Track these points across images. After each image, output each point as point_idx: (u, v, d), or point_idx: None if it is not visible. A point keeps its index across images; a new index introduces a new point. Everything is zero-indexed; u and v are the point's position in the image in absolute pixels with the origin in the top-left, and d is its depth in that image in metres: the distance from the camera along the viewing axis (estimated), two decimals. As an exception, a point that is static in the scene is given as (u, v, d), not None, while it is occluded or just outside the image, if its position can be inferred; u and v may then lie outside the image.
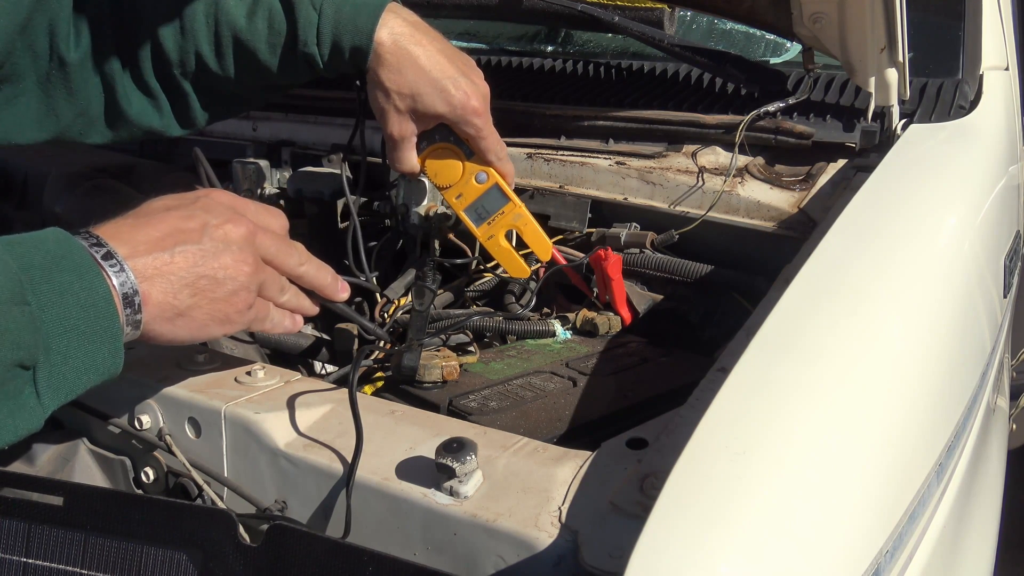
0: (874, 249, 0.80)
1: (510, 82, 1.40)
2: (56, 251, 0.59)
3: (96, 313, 0.59)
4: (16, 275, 0.56)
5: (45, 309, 0.56)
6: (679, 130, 1.18)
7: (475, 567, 0.60)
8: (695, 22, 1.51)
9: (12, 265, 0.56)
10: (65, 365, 0.58)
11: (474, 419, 0.76)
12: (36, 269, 0.57)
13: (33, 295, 0.56)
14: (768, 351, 0.64)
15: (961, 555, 0.82)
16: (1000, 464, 1.11)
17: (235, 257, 0.67)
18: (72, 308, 0.58)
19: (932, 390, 0.73)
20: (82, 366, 0.58)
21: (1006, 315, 1.17)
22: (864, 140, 1.10)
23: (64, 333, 0.57)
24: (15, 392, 0.56)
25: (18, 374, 0.56)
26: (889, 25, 0.98)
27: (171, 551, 0.59)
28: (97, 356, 0.59)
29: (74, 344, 0.58)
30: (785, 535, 0.51)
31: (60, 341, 0.57)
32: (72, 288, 0.58)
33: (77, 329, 0.58)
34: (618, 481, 0.60)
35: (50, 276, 0.57)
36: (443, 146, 0.92)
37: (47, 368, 0.57)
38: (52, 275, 0.57)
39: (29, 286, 0.56)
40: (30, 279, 0.56)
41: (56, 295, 0.57)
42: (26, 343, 0.55)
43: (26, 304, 0.55)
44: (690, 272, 1.03)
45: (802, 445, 0.57)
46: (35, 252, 0.58)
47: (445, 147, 0.92)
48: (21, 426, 0.57)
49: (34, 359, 0.56)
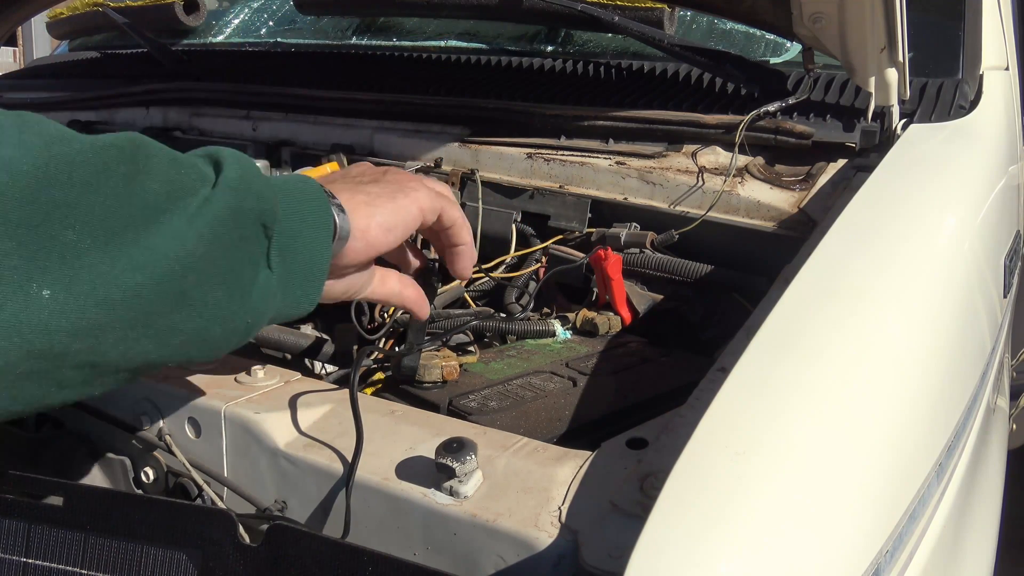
0: (874, 249, 0.80)
1: (510, 82, 1.40)
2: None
3: (313, 202, 0.63)
4: (242, 154, 0.60)
5: (275, 187, 0.60)
6: (679, 130, 1.18)
7: (475, 567, 0.60)
8: (695, 22, 1.51)
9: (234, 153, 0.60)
10: (291, 245, 0.60)
11: (474, 419, 0.76)
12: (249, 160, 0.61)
13: (259, 177, 0.60)
14: (768, 351, 0.64)
15: (961, 555, 0.82)
16: (1000, 464, 1.11)
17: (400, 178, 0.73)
18: (294, 193, 0.62)
19: (932, 390, 0.73)
20: (304, 253, 0.61)
21: (1006, 315, 1.17)
22: (864, 140, 1.10)
23: (290, 216, 0.60)
24: (255, 257, 0.58)
25: (259, 235, 0.58)
26: (889, 25, 0.98)
27: (171, 551, 0.59)
28: (316, 247, 0.62)
29: (299, 227, 0.61)
30: (785, 535, 0.51)
31: (288, 221, 0.60)
32: (289, 180, 0.63)
33: (300, 213, 0.61)
34: (618, 481, 0.60)
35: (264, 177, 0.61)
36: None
37: (278, 243, 0.59)
38: (265, 177, 0.61)
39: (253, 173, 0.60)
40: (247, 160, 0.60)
41: (280, 182, 0.62)
42: (267, 197, 0.58)
43: (258, 170, 0.60)
44: (690, 272, 1.03)
45: (802, 445, 0.57)
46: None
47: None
48: (259, 302, 0.59)
49: (272, 222, 0.59)
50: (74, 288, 0.47)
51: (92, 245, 0.48)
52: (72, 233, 0.47)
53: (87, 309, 0.47)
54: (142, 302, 0.50)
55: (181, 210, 0.53)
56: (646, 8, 1.34)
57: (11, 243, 0.44)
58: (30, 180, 0.46)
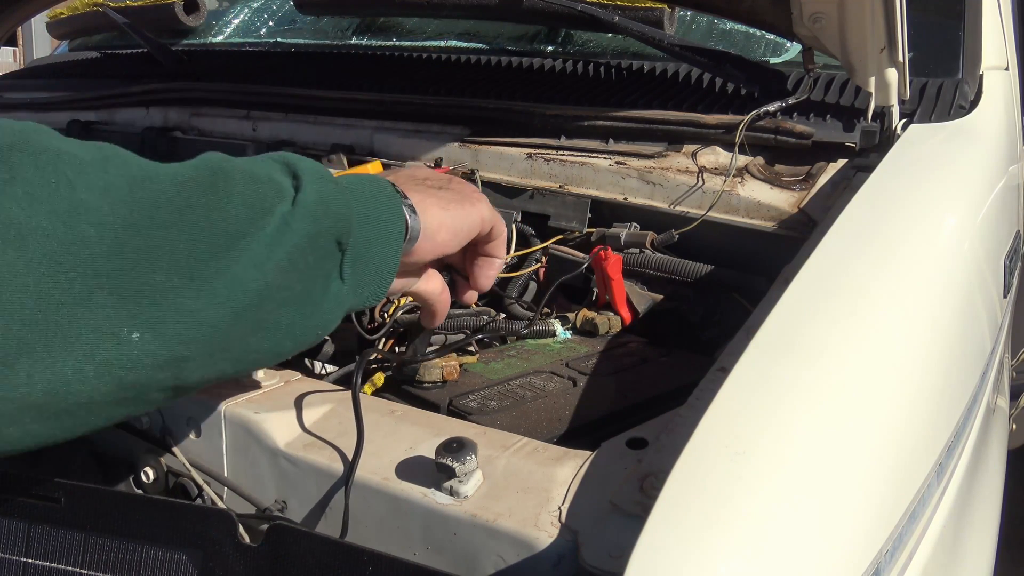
0: (874, 249, 0.80)
1: (510, 82, 1.40)
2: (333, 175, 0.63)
3: (386, 206, 0.63)
4: (320, 168, 0.60)
5: (350, 193, 0.60)
6: (679, 130, 1.18)
7: (475, 567, 0.60)
8: (695, 22, 1.51)
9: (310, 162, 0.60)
10: (364, 254, 0.61)
11: (474, 419, 0.76)
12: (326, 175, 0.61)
13: (339, 181, 0.60)
14: (768, 351, 0.64)
15: (961, 555, 0.82)
16: (1000, 464, 1.11)
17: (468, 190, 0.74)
18: (368, 198, 0.62)
19: (932, 390, 0.73)
20: (376, 259, 0.62)
21: (1006, 315, 1.17)
22: (864, 140, 1.10)
23: (364, 223, 0.61)
24: (328, 272, 0.59)
25: (333, 252, 0.59)
26: (889, 25, 0.98)
27: (171, 551, 0.59)
28: (388, 249, 0.63)
29: (373, 233, 0.62)
30: (785, 535, 0.51)
31: (361, 230, 0.61)
32: (364, 183, 0.63)
33: (374, 219, 0.62)
34: (618, 481, 0.60)
35: (344, 177, 0.62)
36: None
37: (352, 253, 0.60)
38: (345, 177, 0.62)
39: (331, 177, 0.60)
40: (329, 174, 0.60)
41: (355, 185, 0.62)
42: (344, 215, 0.59)
43: (336, 184, 0.60)
44: (690, 272, 1.03)
45: (802, 445, 0.57)
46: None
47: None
48: (330, 311, 0.60)
49: (348, 237, 0.59)
50: (161, 329, 0.49)
51: (179, 283, 0.50)
52: (160, 275, 0.49)
53: (173, 347, 0.50)
54: (222, 334, 0.52)
55: (260, 233, 0.54)
56: (646, 8, 1.34)
57: (103, 293, 0.46)
58: (117, 232, 0.47)
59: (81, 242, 0.46)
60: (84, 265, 0.46)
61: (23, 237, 0.44)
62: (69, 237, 0.45)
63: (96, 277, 0.46)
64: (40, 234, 0.44)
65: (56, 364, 0.45)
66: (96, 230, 0.46)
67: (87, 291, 0.46)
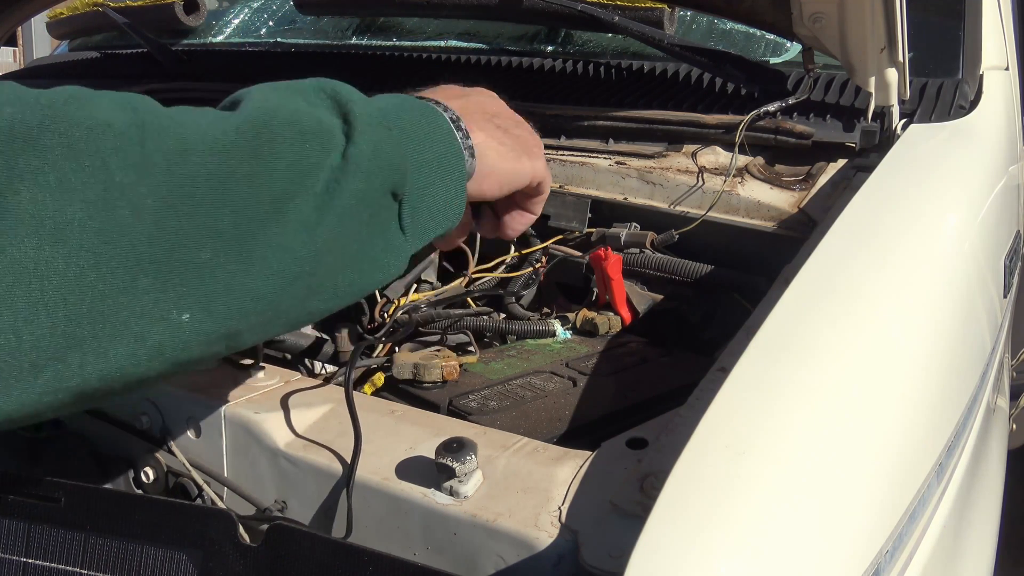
0: (874, 249, 0.80)
1: (510, 82, 1.40)
2: (392, 99, 0.60)
3: (444, 146, 0.60)
4: (374, 104, 0.57)
5: (403, 136, 0.57)
6: (679, 130, 1.18)
7: (475, 567, 0.60)
8: (695, 22, 1.51)
9: (365, 98, 0.57)
10: (423, 200, 0.58)
11: (474, 419, 0.76)
12: (384, 108, 0.58)
13: (392, 122, 0.57)
14: (768, 351, 0.64)
15: (961, 555, 0.82)
16: (1000, 464, 1.11)
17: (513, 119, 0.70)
18: (424, 140, 0.58)
19: (932, 390, 0.73)
20: (436, 204, 0.59)
21: (1006, 315, 1.17)
22: (864, 140, 1.10)
23: (420, 167, 0.58)
24: (385, 225, 0.56)
25: (389, 204, 0.56)
26: (889, 25, 0.98)
27: (171, 551, 0.59)
28: (448, 193, 0.60)
29: (430, 178, 0.58)
30: (785, 535, 0.51)
31: (417, 175, 0.57)
32: (419, 122, 0.59)
33: (431, 162, 0.58)
34: (618, 481, 0.60)
35: (400, 112, 0.58)
36: None
37: (409, 202, 0.57)
38: (401, 112, 0.58)
39: (385, 115, 0.57)
40: (383, 110, 0.57)
41: (411, 126, 0.58)
42: (398, 166, 0.56)
43: (390, 129, 0.56)
44: (690, 272, 1.03)
45: (802, 445, 0.57)
46: (375, 98, 0.59)
47: None
48: (392, 264, 0.58)
49: (403, 187, 0.56)
50: (211, 307, 0.47)
51: (225, 259, 0.48)
52: (205, 253, 0.47)
53: (225, 323, 0.48)
54: (275, 305, 0.51)
55: (308, 193, 0.51)
56: (646, 8, 1.34)
57: (147, 279, 0.45)
58: (156, 214, 0.45)
59: (120, 230, 0.44)
60: (125, 253, 0.44)
61: (60, 231, 0.42)
62: (107, 226, 0.43)
63: (139, 263, 0.44)
64: (77, 226, 0.43)
65: (108, 353, 0.44)
66: (134, 215, 0.44)
67: (131, 278, 0.44)
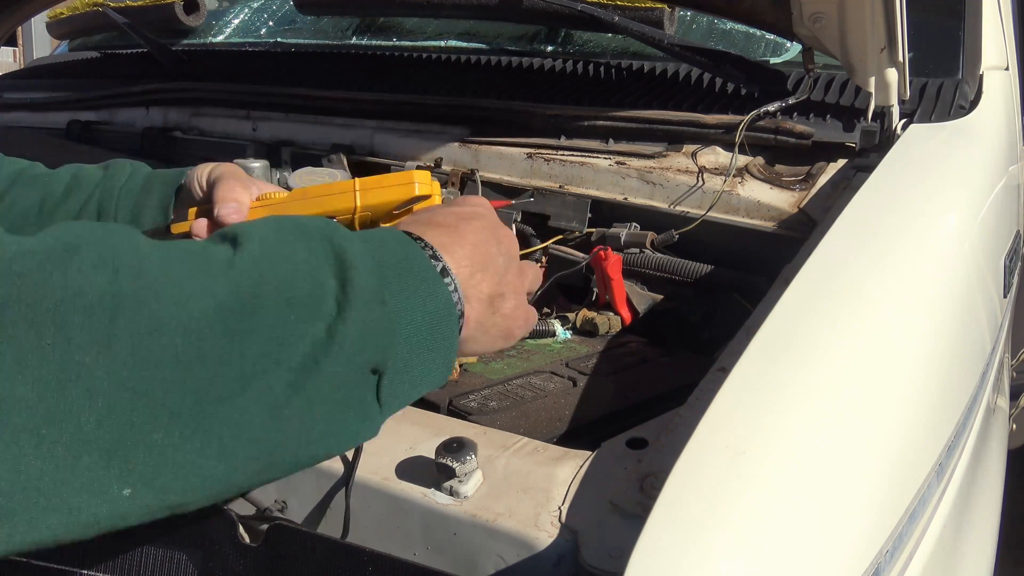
0: (874, 249, 0.80)
1: (510, 82, 1.40)
2: (400, 252, 0.56)
3: (439, 321, 0.56)
4: (378, 271, 0.53)
5: (397, 312, 0.53)
6: (679, 130, 1.18)
7: (475, 567, 0.60)
8: (695, 22, 1.51)
9: (371, 260, 0.53)
10: (405, 374, 0.54)
11: (474, 419, 0.76)
12: (388, 267, 0.54)
13: (389, 294, 0.53)
14: (768, 351, 0.64)
15: (961, 555, 0.82)
16: (1000, 464, 1.11)
17: (514, 273, 0.66)
18: (418, 314, 0.55)
19: (932, 390, 0.73)
20: (418, 376, 0.55)
21: (1006, 315, 1.17)
22: (864, 140, 1.10)
23: (408, 339, 0.54)
24: (360, 399, 0.52)
25: (368, 379, 0.52)
26: (889, 25, 0.98)
27: (171, 551, 0.59)
28: (433, 367, 0.56)
29: (415, 352, 0.54)
30: (785, 535, 0.51)
31: (403, 347, 0.54)
32: (419, 292, 0.55)
33: (419, 335, 0.55)
34: (618, 481, 0.60)
35: (401, 276, 0.54)
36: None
37: (390, 375, 0.53)
38: (402, 276, 0.55)
39: (386, 284, 0.53)
40: (385, 277, 0.53)
41: (405, 297, 0.54)
42: (382, 345, 0.52)
43: (384, 304, 0.52)
44: (690, 272, 1.03)
45: (802, 445, 0.57)
46: (383, 249, 0.55)
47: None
48: (362, 434, 0.54)
49: (385, 364, 0.53)
50: (157, 483, 0.44)
51: (180, 439, 0.44)
52: (158, 434, 0.43)
53: (168, 498, 0.45)
54: (225, 480, 0.47)
55: (280, 369, 0.47)
56: (646, 8, 1.34)
57: (91, 457, 0.42)
58: (110, 396, 0.42)
59: (68, 411, 0.41)
60: (70, 435, 0.41)
61: (2, 410, 0.39)
62: (55, 408, 0.40)
63: (84, 444, 0.41)
64: (23, 407, 0.39)
65: (40, 525, 0.41)
66: (87, 396, 0.41)
67: (73, 458, 0.41)
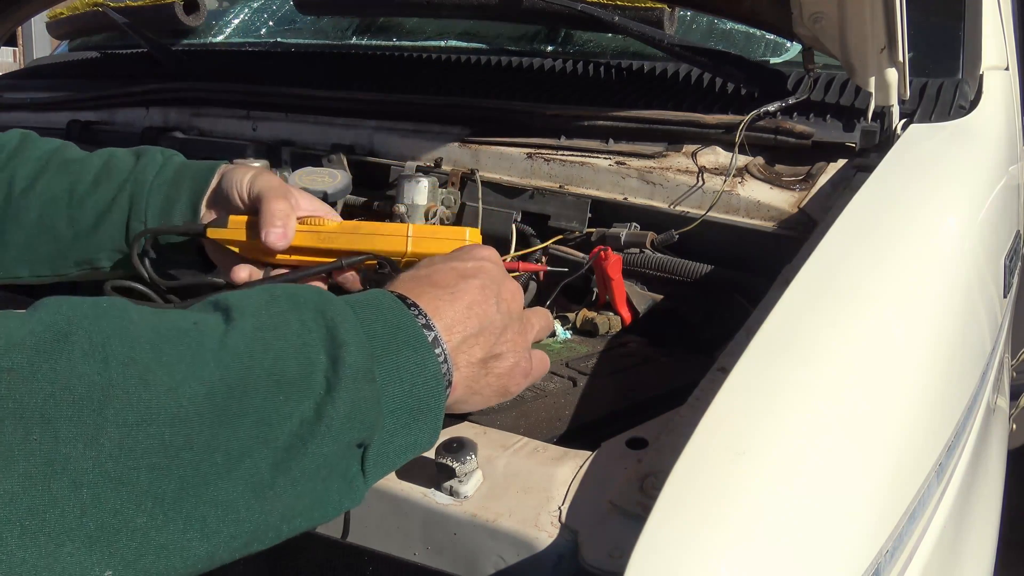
0: (874, 249, 0.80)
1: (510, 82, 1.40)
2: (393, 320, 0.57)
3: (426, 393, 0.57)
4: (368, 347, 0.54)
5: (385, 387, 0.54)
6: (679, 130, 1.18)
7: (475, 567, 0.60)
8: (695, 22, 1.51)
9: (363, 334, 0.54)
10: (390, 444, 0.55)
11: (474, 419, 0.75)
12: (379, 339, 0.55)
13: (378, 370, 0.54)
14: (768, 351, 0.64)
15: (961, 555, 0.82)
16: (1000, 464, 1.12)
17: (515, 330, 0.66)
18: (406, 386, 0.56)
19: (932, 390, 0.73)
20: (403, 445, 0.56)
21: (1006, 315, 1.17)
22: (864, 140, 1.10)
23: (394, 411, 0.55)
24: (344, 472, 0.53)
25: (353, 452, 0.53)
26: (889, 25, 0.98)
27: (171, 551, 0.59)
28: (419, 436, 0.57)
29: (401, 423, 0.55)
30: (785, 535, 0.51)
31: (389, 420, 0.55)
32: (408, 365, 0.56)
33: (406, 407, 0.56)
34: (618, 481, 0.60)
35: (391, 350, 0.55)
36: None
37: (375, 447, 0.54)
38: (392, 349, 0.55)
39: (375, 361, 0.54)
40: (374, 353, 0.54)
41: (394, 371, 0.55)
42: (369, 422, 0.53)
43: (373, 381, 0.53)
44: (690, 272, 1.03)
45: (802, 445, 0.57)
46: (376, 318, 0.56)
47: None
48: (345, 504, 0.55)
49: (371, 438, 0.54)
50: (139, 564, 0.44)
51: (163, 522, 0.44)
52: (142, 518, 0.43)
53: None
54: (208, 557, 0.47)
55: (270, 446, 0.48)
56: (646, 8, 1.34)
57: (73, 545, 0.41)
58: (95, 487, 0.42)
59: (52, 503, 0.41)
60: (53, 524, 0.41)
61: None
62: (40, 500, 0.40)
63: (67, 533, 0.41)
64: (8, 499, 0.39)
65: None
66: (72, 488, 0.41)
67: (55, 546, 0.41)
